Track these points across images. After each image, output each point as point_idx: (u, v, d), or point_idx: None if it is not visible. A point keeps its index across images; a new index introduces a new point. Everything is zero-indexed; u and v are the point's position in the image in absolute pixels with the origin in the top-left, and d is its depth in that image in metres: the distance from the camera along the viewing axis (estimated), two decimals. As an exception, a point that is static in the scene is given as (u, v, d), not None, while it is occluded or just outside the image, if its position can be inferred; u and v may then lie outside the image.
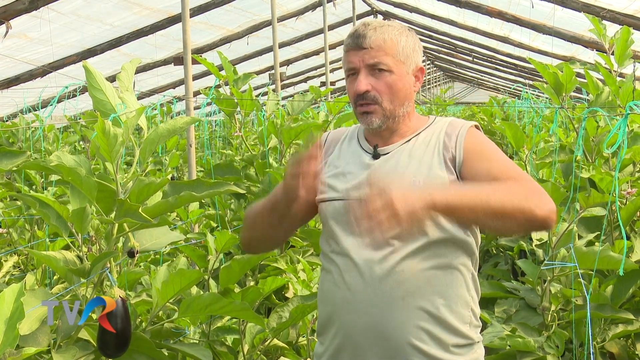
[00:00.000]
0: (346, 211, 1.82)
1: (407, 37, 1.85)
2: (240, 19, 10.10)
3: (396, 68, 1.82)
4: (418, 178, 1.77)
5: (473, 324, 1.85)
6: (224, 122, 7.56)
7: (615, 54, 3.22)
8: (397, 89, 1.82)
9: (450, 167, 1.79)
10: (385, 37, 1.82)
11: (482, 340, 1.92)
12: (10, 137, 5.90)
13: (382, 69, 1.80)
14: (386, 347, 1.77)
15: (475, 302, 1.85)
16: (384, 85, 1.81)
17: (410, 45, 1.85)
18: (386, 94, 1.81)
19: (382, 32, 1.82)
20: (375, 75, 1.81)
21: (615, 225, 2.97)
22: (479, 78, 24.29)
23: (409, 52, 1.84)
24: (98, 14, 7.91)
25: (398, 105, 1.83)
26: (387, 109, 1.82)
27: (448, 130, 1.84)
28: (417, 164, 1.81)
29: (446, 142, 1.82)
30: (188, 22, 3.67)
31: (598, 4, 7.22)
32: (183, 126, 1.89)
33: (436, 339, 1.77)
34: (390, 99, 1.82)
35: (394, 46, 1.82)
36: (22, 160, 1.83)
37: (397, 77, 1.82)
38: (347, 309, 1.79)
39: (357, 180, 1.84)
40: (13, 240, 3.72)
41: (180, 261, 2.47)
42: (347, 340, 1.81)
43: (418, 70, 1.87)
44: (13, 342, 1.34)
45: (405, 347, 1.76)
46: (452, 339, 1.79)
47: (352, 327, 1.79)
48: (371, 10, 13.21)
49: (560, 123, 5.89)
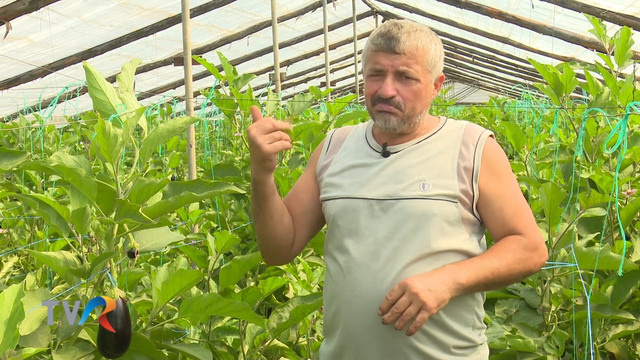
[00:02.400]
0: (351, 210, 1.83)
1: (436, 44, 1.84)
2: (240, 19, 10.10)
3: (423, 77, 1.81)
4: (428, 182, 1.78)
5: (476, 327, 1.85)
6: (224, 122, 7.56)
7: (615, 55, 3.21)
8: (421, 97, 1.82)
9: (464, 177, 1.79)
10: (419, 43, 1.79)
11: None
12: (11, 138, 5.90)
13: (409, 76, 1.79)
14: (386, 348, 1.77)
15: (479, 305, 1.86)
16: (410, 92, 1.80)
17: (438, 54, 1.84)
18: (410, 101, 1.81)
19: (416, 37, 1.80)
20: (402, 81, 1.80)
21: (615, 226, 2.97)
22: (479, 78, 24.29)
23: (436, 61, 1.84)
24: (98, 15, 7.91)
25: (418, 113, 1.84)
26: (407, 115, 1.82)
27: (465, 138, 1.84)
28: (429, 167, 1.81)
29: (462, 151, 1.82)
30: (188, 22, 3.67)
31: (598, 4, 7.23)
32: (183, 126, 1.89)
33: (436, 341, 1.77)
34: (413, 107, 1.82)
35: (425, 54, 1.80)
36: (22, 160, 1.83)
37: (423, 86, 1.82)
38: (350, 310, 1.80)
39: (362, 177, 1.85)
40: (13, 241, 3.72)
41: (180, 261, 2.47)
42: (350, 340, 1.81)
43: (439, 79, 1.88)
44: (13, 342, 1.34)
45: (404, 349, 1.76)
46: (453, 341, 1.79)
47: (355, 328, 1.79)
48: (371, 11, 13.22)
49: (561, 123, 5.90)
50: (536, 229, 1.83)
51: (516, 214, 1.81)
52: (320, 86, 7.28)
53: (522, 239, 1.79)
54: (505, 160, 1.87)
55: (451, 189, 1.78)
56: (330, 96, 9.88)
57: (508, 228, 1.81)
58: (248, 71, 4.14)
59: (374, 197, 1.81)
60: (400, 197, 1.78)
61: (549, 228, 2.70)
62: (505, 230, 1.81)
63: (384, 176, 1.83)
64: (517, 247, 1.78)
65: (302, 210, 1.94)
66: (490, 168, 1.81)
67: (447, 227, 1.77)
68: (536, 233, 1.82)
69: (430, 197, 1.77)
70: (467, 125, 1.88)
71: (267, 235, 1.90)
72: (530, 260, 1.78)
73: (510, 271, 1.76)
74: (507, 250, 1.77)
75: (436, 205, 1.77)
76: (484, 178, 1.80)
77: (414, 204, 1.77)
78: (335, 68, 16.93)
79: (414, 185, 1.78)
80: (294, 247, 1.94)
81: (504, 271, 1.75)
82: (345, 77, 19.24)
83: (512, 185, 1.84)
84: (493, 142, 1.86)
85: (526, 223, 1.82)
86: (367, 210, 1.81)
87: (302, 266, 2.92)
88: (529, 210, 1.85)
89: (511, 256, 1.76)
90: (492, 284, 1.77)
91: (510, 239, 1.80)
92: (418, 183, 1.78)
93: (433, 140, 1.86)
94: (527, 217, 1.83)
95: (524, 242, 1.78)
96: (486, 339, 1.92)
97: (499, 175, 1.82)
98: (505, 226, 1.81)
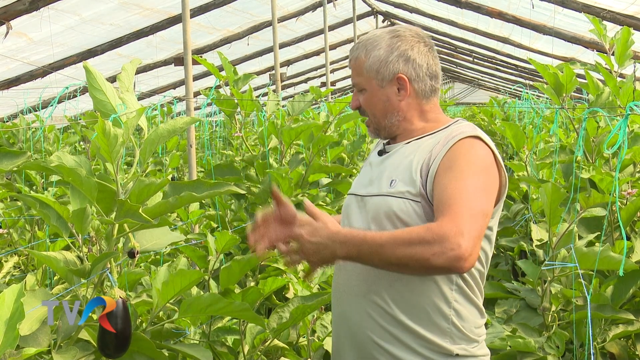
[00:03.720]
0: (347, 205, 1.95)
1: (380, 48, 1.86)
2: (240, 19, 10.10)
3: (368, 85, 1.89)
4: (397, 179, 1.80)
5: (456, 337, 1.78)
6: (225, 122, 7.56)
7: (615, 55, 3.21)
8: (372, 104, 1.90)
9: (424, 174, 1.76)
10: (357, 55, 1.90)
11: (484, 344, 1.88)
12: (11, 138, 5.90)
13: (359, 88, 1.91)
14: (354, 342, 1.85)
15: (460, 317, 1.78)
16: (364, 101, 1.91)
17: (380, 57, 1.85)
18: (367, 109, 1.92)
19: (357, 49, 1.90)
20: (359, 92, 1.92)
21: (616, 226, 2.97)
22: (479, 79, 24.28)
23: (378, 65, 1.86)
24: (98, 15, 7.91)
25: (382, 118, 1.90)
26: (374, 122, 1.92)
27: (447, 134, 1.81)
28: (403, 165, 1.83)
29: (435, 148, 1.79)
30: (188, 22, 3.67)
31: (598, 4, 7.22)
32: (183, 126, 1.89)
33: (399, 340, 1.78)
34: (373, 113, 1.91)
35: (361, 64, 1.89)
36: (22, 160, 1.83)
37: (370, 94, 1.90)
38: (336, 303, 1.92)
39: (363, 176, 1.95)
40: (13, 241, 3.72)
41: (180, 262, 2.47)
42: (335, 334, 1.93)
43: (395, 80, 1.85)
44: (13, 342, 1.34)
45: (369, 343, 1.81)
46: (421, 345, 1.77)
47: (337, 321, 1.92)
48: (371, 11, 13.20)
49: (561, 123, 5.89)
50: (457, 222, 1.59)
51: (446, 204, 1.64)
52: (320, 86, 7.28)
53: (430, 225, 1.62)
54: (470, 158, 1.74)
55: (414, 187, 1.75)
56: (331, 96, 9.87)
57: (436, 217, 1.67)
58: (248, 71, 4.14)
59: (360, 194, 1.91)
60: (372, 194, 1.85)
61: (549, 228, 2.70)
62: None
63: (374, 174, 1.90)
64: (416, 230, 1.62)
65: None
66: (447, 162, 1.73)
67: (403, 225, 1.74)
68: (453, 224, 1.59)
69: (392, 194, 1.78)
70: (462, 127, 1.83)
71: None
72: (427, 246, 1.56)
73: (395, 255, 1.60)
74: (406, 230, 1.65)
75: (395, 202, 1.77)
76: (439, 173, 1.73)
77: (378, 201, 1.82)
78: (335, 68, 16.93)
79: (385, 182, 1.83)
80: None
81: (388, 254, 1.60)
82: (346, 77, 19.24)
83: (461, 178, 1.69)
84: (468, 142, 1.76)
85: (450, 212, 1.62)
86: (355, 205, 1.90)
87: (303, 266, 2.92)
88: (465, 205, 1.64)
89: (405, 234, 1.61)
90: (377, 262, 1.65)
91: (420, 225, 1.68)
92: (389, 180, 1.82)
93: (422, 140, 1.86)
94: (457, 208, 1.62)
95: (429, 227, 1.61)
96: (476, 353, 1.81)
97: (451, 169, 1.71)
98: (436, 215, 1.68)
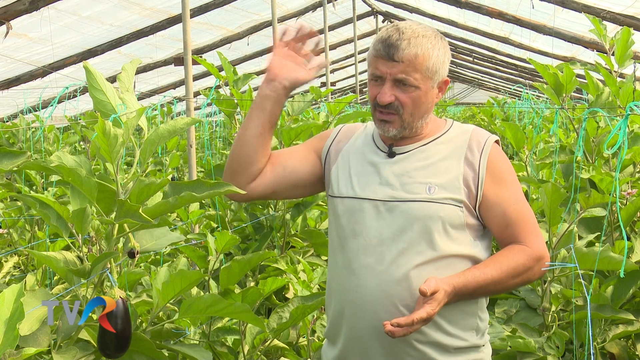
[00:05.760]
0: (357, 210, 1.83)
1: (439, 49, 1.80)
2: (240, 19, 10.10)
3: (423, 84, 1.79)
4: (434, 185, 1.78)
5: (480, 330, 1.86)
6: (225, 122, 7.56)
7: (615, 55, 3.21)
8: (420, 103, 1.81)
9: (469, 182, 1.80)
10: (418, 51, 1.76)
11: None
12: (11, 138, 5.90)
13: (408, 84, 1.78)
14: (389, 349, 1.78)
15: (482, 309, 1.88)
16: (408, 99, 1.79)
17: (440, 59, 1.81)
18: (408, 106, 1.80)
19: (416, 45, 1.76)
20: (401, 87, 1.79)
21: (616, 226, 2.97)
22: (479, 78, 24.27)
23: (438, 66, 1.80)
24: (98, 15, 7.91)
25: (418, 118, 1.83)
26: (406, 121, 1.82)
27: (471, 143, 1.84)
28: (435, 170, 1.81)
29: (468, 156, 1.82)
30: (188, 22, 3.67)
31: (598, 5, 7.23)
32: (183, 127, 1.89)
33: (437, 343, 1.78)
34: (412, 112, 1.81)
35: (425, 62, 1.77)
36: (22, 160, 1.83)
37: (422, 93, 1.80)
38: (355, 311, 1.81)
39: (369, 177, 1.85)
40: (13, 241, 3.72)
41: (180, 262, 2.47)
42: (355, 342, 1.82)
43: (443, 83, 1.85)
44: (13, 342, 1.34)
45: (406, 349, 1.78)
46: (453, 342, 1.79)
47: (360, 329, 1.80)
48: (371, 11, 13.21)
49: (561, 124, 5.89)
50: (539, 237, 1.83)
51: (518, 220, 1.81)
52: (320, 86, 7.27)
53: (526, 249, 1.79)
54: (509, 165, 1.87)
55: (457, 194, 1.78)
56: (331, 96, 9.87)
57: (509, 233, 1.81)
58: (248, 71, 4.14)
59: (379, 198, 1.81)
60: (406, 200, 1.78)
61: (549, 228, 2.70)
62: (507, 234, 1.82)
63: (390, 177, 1.83)
64: (519, 259, 1.79)
65: (286, 162, 1.94)
66: (494, 174, 1.81)
67: (452, 230, 1.78)
68: (539, 242, 1.82)
69: (436, 200, 1.77)
70: (473, 130, 1.87)
71: (241, 150, 1.89)
72: (530, 270, 1.80)
73: (506, 281, 1.77)
74: (509, 261, 1.78)
75: (442, 208, 1.77)
76: (488, 184, 1.80)
77: (420, 207, 1.77)
78: (335, 68, 16.93)
79: (420, 188, 1.78)
80: (254, 181, 1.91)
81: (500, 282, 1.77)
82: (346, 77, 19.23)
83: (515, 190, 1.84)
84: (498, 148, 1.86)
85: (529, 230, 1.82)
86: (372, 211, 1.81)
87: (303, 266, 2.92)
88: (532, 216, 1.84)
89: (512, 266, 1.77)
90: (487, 292, 1.81)
91: (515, 249, 1.80)
92: (424, 185, 1.79)
93: (439, 143, 1.85)
94: (530, 223, 1.83)
95: (528, 253, 1.79)
96: (488, 338, 1.92)
97: (503, 181, 1.82)
98: (506, 231, 1.82)
